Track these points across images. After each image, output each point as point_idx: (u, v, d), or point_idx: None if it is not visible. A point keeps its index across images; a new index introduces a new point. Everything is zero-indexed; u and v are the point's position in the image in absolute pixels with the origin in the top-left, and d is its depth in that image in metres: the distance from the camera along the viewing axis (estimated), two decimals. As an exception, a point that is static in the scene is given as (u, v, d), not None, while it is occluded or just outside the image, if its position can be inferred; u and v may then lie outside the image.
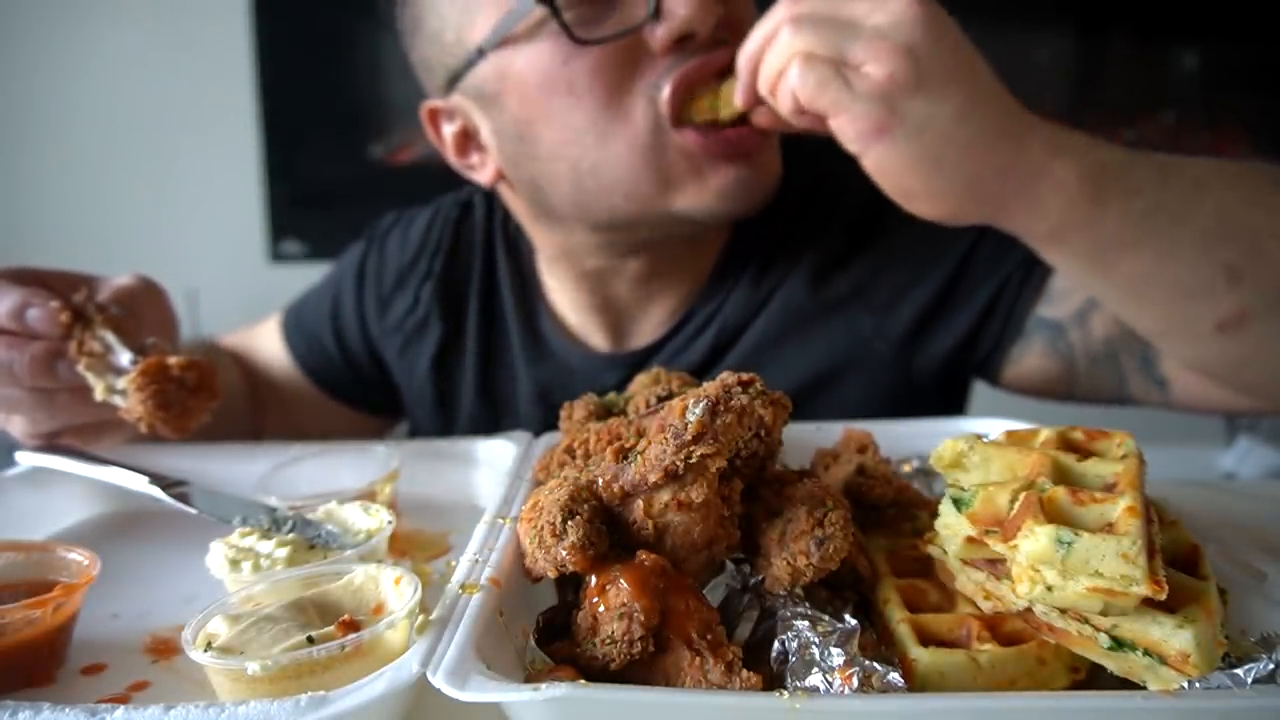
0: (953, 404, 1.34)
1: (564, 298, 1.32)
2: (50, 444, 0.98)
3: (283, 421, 1.45)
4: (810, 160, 1.20)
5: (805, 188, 1.24)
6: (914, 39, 0.77)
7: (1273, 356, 0.93)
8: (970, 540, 0.62)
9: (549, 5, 1.00)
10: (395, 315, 1.39)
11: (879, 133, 0.79)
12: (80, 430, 0.99)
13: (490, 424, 1.33)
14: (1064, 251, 0.89)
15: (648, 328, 1.29)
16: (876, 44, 0.77)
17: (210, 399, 0.90)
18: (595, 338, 1.31)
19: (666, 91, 1.01)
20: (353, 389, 1.45)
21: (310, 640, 0.61)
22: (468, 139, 1.18)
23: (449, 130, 1.19)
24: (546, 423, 1.21)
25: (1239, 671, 0.54)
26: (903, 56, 0.76)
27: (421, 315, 1.37)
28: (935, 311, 1.21)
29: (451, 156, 1.22)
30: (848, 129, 0.80)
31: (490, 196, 1.38)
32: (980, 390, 1.46)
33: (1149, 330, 0.97)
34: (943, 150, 0.80)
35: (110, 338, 0.88)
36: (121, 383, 0.87)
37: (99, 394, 0.87)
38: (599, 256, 1.21)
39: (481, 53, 1.07)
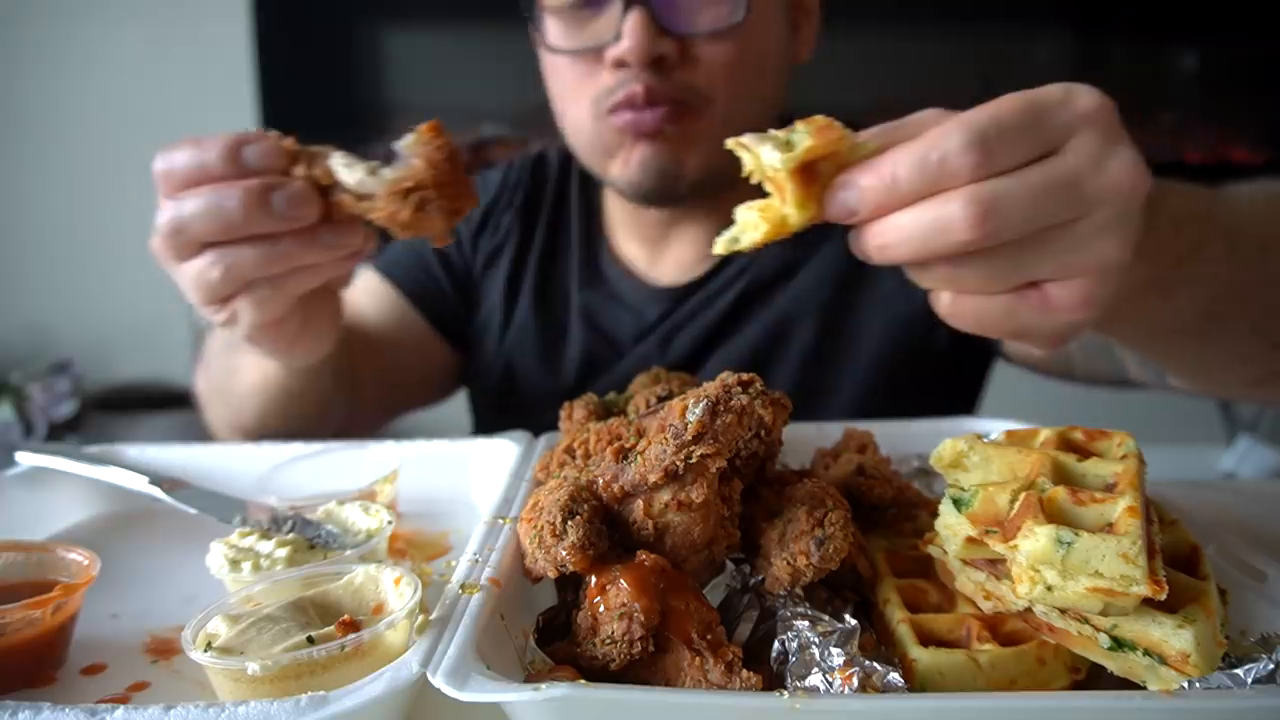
0: (972, 375, 1.41)
1: (622, 227, 1.42)
2: (275, 332, 0.86)
3: (366, 364, 1.43)
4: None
5: None
6: (1114, 252, 0.61)
7: None
8: (970, 540, 0.62)
9: (531, 20, 1.21)
10: (482, 241, 1.49)
11: (1062, 341, 0.69)
12: (307, 315, 0.88)
13: (542, 337, 1.41)
14: (1110, 331, 0.84)
15: (684, 265, 1.38)
16: (1068, 264, 0.61)
17: (472, 202, 0.77)
18: (643, 269, 1.41)
19: (610, 106, 1.16)
20: (446, 308, 1.49)
21: (310, 640, 0.61)
22: None
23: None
24: (589, 345, 1.36)
25: (1239, 671, 0.54)
26: (1097, 279, 0.62)
27: (500, 240, 1.47)
28: None
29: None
30: (1030, 343, 0.70)
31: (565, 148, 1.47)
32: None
33: (1174, 376, 0.97)
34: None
35: (340, 158, 0.75)
36: (405, 142, 0.74)
37: (359, 172, 0.74)
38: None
39: None
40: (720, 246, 0.66)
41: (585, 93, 1.19)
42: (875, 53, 3.59)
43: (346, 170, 0.74)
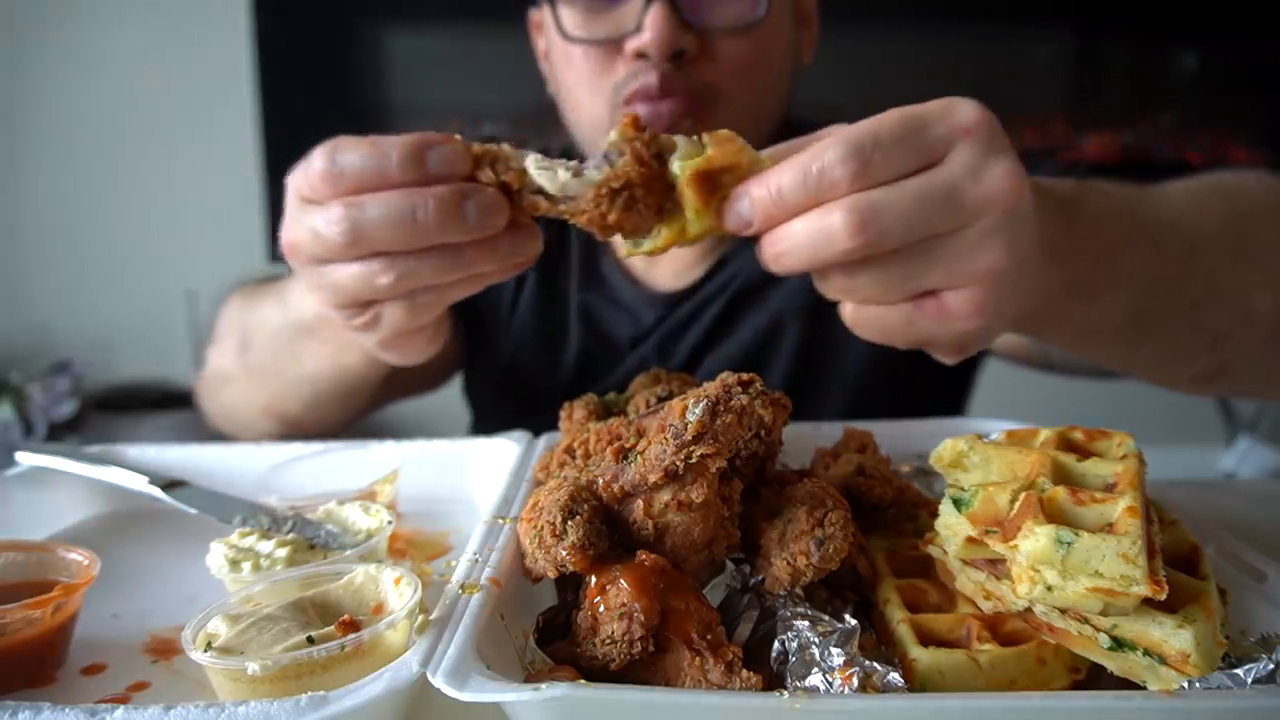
0: (961, 370, 1.41)
1: None
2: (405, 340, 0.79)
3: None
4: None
5: None
6: (999, 260, 0.63)
7: (1248, 392, 0.94)
8: (970, 540, 0.62)
9: (550, 3, 1.17)
10: None
11: (966, 350, 0.71)
12: (437, 327, 0.82)
13: (543, 335, 1.41)
14: (1037, 335, 0.85)
15: (682, 267, 1.37)
16: (956, 273, 0.64)
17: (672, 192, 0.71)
18: (642, 273, 1.40)
19: (626, 96, 1.14)
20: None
21: (310, 640, 0.61)
22: (548, 52, 1.33)
23: (540, 41, 1.35)
24: (587, 347, 1.37)
25: (1239, 671, 0.54)
26: (988, 286, 0.64)
27: None
28: None
29: (540, 62, 1.37)
30: (935, 352, 0.72)
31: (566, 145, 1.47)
32: (980, 390, 1.47)
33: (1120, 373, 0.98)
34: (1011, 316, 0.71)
35: (535, 161, 0.70)
36: (609, 140, 0.70)
37: (561, 174, 0.69)
38: None
39: None
40: (624, 250, 0.70)
41: (601, 84, 1.18)
42: (875, 53, 3.59)
43: (546, 174, 0.69)
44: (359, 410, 1.30)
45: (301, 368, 1.14)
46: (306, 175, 0.71)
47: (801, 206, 0.62)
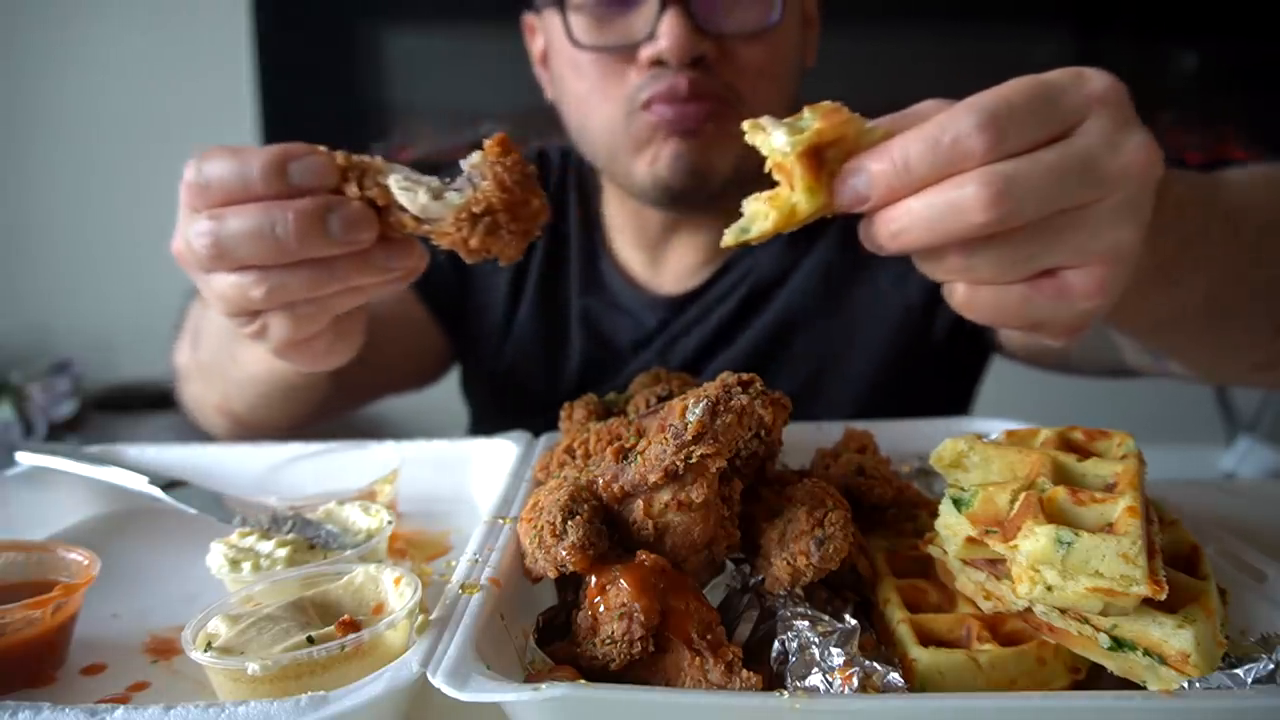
0: (969, 369, 1.42)
1: (619, 233, 1.41)
2: (300, 349, 0.78)
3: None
4: None
5: None
6: (1129, 236, 0.60)
7: None
8: (970, 540, 0.62)
9: (559, 10, 1.16)
10: None
11: (1077, 331, 0.67)
12: (340, 328, 0.80)
13: (543, 341, 1.41)
14: (1117, 322, 0.84)
15: (685, 272, 1.37)
16: (1084, 250, 0.60)
17: (544, 217, 0.71)
18: (644, 277, 1.40)
19: (647, 98, 1.14)
20: (443, 280, 1.43)
21: (310, 640, 0.61)
22: (545, 55, 1.33)
23: (536, 44, 1.34)
24: (588, 351, 1.36)
25: (1239, 671, 0.54)
26: (1113, 264, 0.60)
27: None
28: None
29: (536, 66, 1.36)
30: (1045, 335, 0.68)
31: (565, 147, 1.47)
32: (981, 390, 1.47)
33: (1178, 364, 0.97)
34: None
35: (398, 179, 0.68)
36: (472, 161, 0.68)
37: (421, 196, 0.68)
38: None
39: None
40: (729, 238, 0.64)
41: (616, 92, 1.17)
42: (875, 54, 3.58)
43: (407, 194, 0.68)
44: (310, 413, 1.28)
45: (242, 369, 1.14)
46: (184, 185, 0.70)
47: (927, 180, 0.58)
